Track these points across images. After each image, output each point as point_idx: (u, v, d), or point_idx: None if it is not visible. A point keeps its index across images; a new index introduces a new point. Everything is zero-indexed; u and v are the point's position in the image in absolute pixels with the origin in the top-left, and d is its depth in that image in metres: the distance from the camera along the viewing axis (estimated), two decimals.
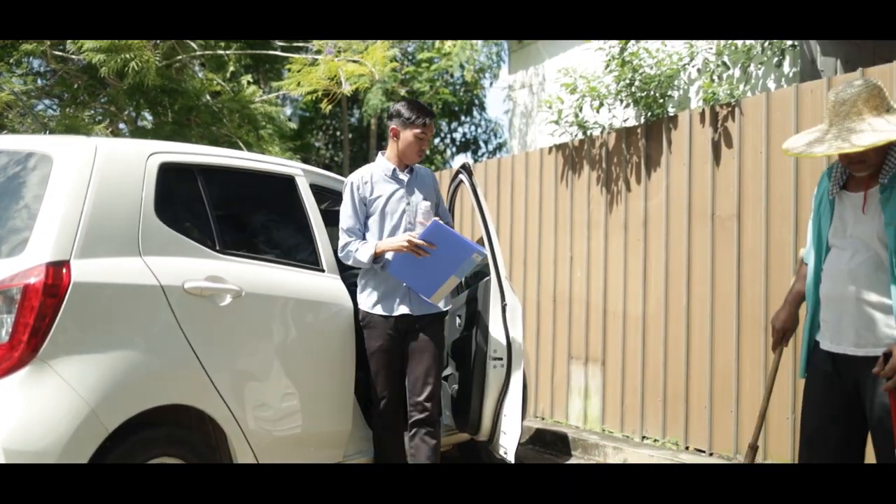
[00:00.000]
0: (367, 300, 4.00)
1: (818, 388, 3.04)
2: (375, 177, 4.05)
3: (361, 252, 3.92)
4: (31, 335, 2.68)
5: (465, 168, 4.48)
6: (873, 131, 2.74)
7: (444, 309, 4.10)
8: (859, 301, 2.87)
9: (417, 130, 4.01)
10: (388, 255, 3.92)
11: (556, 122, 6.75)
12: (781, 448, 4.96)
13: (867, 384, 2.85)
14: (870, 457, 2.99)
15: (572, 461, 5.84)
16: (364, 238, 4.01)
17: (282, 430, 3.51)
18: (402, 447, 4.04)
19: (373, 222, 4.00)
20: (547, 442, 6.21)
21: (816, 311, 3.07)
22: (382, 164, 4.10)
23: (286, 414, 3.53)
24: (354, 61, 6.87)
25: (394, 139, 4.07)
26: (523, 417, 5.54)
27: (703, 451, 5.41)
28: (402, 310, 3.95)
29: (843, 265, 2.93)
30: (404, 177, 4.06)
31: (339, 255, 3.96)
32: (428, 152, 13.57)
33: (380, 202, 3.99)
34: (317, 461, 3.67)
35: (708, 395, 5.38)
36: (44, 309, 2.71)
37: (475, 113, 14.20)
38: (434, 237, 3.88)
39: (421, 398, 3.92)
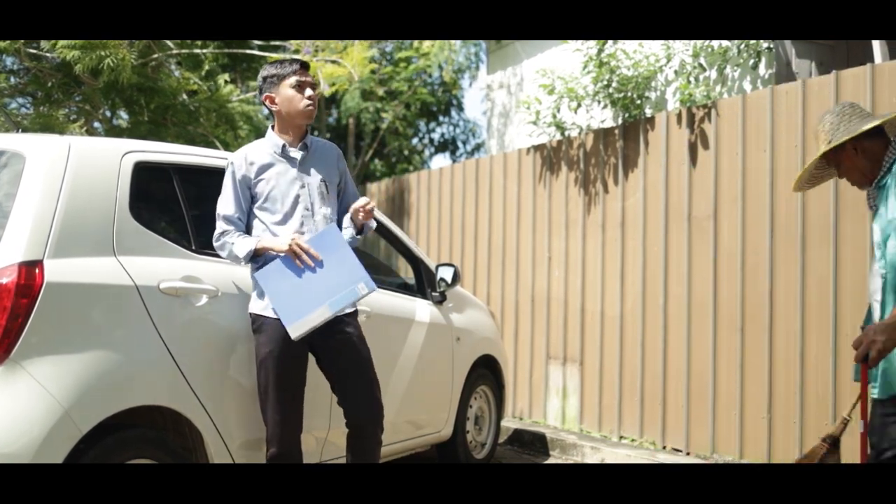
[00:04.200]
0: (258, 300, 3.36)
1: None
2: (262, 155, 3.40)
3: (239, 246, 3.27)
4: (3, 336, 2.64)
5: None
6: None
7: (353, 309, 3.48)
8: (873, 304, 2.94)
9: (293, 78, 3.36)
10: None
11: (535, 123, 6.77)
12: (758, 448, 5.00)
13: None
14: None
15: (550, 461, 5.85)
16: (246, 229, 3.40)
17: (258, 431, 3.48)
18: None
19: (260, 210, 3.38)
20: (525, 442, 6.22)
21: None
22: (271, 138, 3.43)
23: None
24: (333, 61, 6.85)
25: (274, 108, 3.43)
26: (501, 417, 5.56)
27: (681, 451, 5.44)
28: None
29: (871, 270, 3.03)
30: (297, 154, 3.41)
31: (215, 245, 3.36)
32: (406, 152, 13.50)
33: (266, 185, 3.34)
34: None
35: (685, 394, 5.41)
36: (16, 309, 2.67)
37: (453, 113, 14.19)
38: (325, 245, 3.26)
39: (370, 415, 3.40)
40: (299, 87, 3.38)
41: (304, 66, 3.46)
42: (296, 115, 3.40)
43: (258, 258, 3.33)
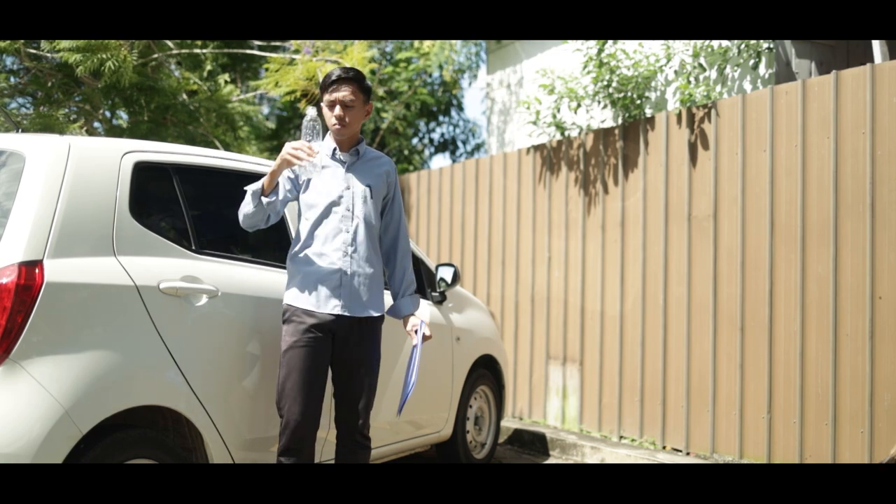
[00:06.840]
0: (289, 290, 3.45)
1: None
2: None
3: (247, 196, 3.33)
4: (3, 336, 2.64)
5: None
6: None
7: (381, 313, 3.55)
8: None
9: (325, 97, 3.46)
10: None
11: (534, 123, 6.77)
12: (758, 448, 5.00)
13: None
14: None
15: (550, 461, 5.85)
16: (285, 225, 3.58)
17: (258, 431, 3.49)
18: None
19: (303, 204, 3.48)
20: (525, 442, 6.22)
21: None
22: (327, 142, 3.56)
23: (263, 415, 3.50)
24: (333, 61, 6.83)
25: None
26: (501, 417, 5.56)
27: (680, 451, 5.44)
28: (334, 307, 3.39)
29: None
30: (347, 158, 3.51)
31: (241, 221, 3.42)
32: (406, 152, 13.53)
33: (314, 179, 3.45)
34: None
35: (685, 394, 5.42)
36: (16, 309, 2.67)
37: (453, 113, 14.17)
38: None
39: (358, 422, 3.47)
40: (330, 106, 3.46)
41: (340, 81, 3.44)
42: (332, 130, 3.51)
43: (271, 194, 3.34)
